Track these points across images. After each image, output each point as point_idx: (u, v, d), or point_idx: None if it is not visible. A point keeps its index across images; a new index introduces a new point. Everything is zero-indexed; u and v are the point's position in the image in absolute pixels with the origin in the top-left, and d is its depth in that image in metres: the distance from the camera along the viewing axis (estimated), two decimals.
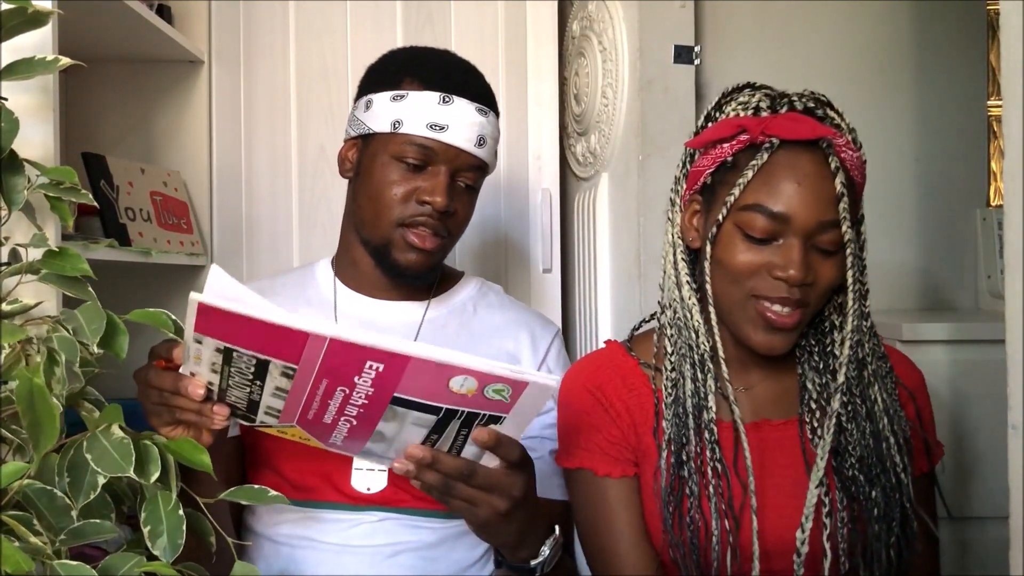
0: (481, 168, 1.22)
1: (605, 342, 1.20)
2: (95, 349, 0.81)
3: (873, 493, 1.02)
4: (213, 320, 0.73)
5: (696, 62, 1.66)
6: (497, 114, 1.25)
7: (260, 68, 1.86)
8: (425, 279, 1.25)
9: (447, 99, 1.17)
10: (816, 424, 1.05)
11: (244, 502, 0.87)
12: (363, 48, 1.85)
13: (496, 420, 0.85)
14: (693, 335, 1.06)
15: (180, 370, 0.83)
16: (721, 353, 1.03)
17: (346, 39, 1.86)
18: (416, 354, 0.76)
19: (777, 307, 1.00)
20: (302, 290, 1.29)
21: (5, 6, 0.85)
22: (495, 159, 1.25)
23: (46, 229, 0.95)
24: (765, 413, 1.09)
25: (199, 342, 0.76)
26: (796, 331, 1.03)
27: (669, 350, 1.08)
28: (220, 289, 0.74)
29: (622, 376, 1.12)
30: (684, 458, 1.04)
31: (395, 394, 0.80)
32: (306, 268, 1.34)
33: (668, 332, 1.09)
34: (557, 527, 1.03)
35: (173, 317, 0.89)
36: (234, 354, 0.76)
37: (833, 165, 0.98)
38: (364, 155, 1.22)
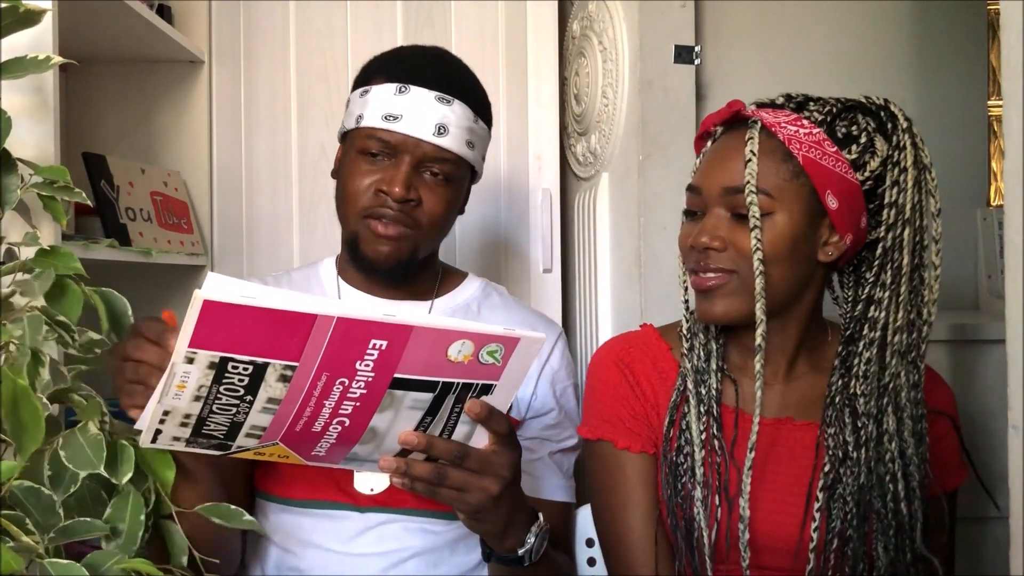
0: (452, 160, 1.19)
1: (641, 326, 1.21)
2: (43, 303, 0.79)
3: (864, 529, 1.01)
4: (216, 321, 0.72)
5: (696, 62, 1.66)
6: (472, 105, 1.21)
7: (260, 68, 1.86)
8: (397, 273, 1.21)
9: (403, 89, 1.17)
10: (827, 436, 1.05)
11: (216, 520, 0.86)
12: (363, 48, 1.85)
13: (487, 391, 0.86)
14: None
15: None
16: (760, 342, 1.02)
17: (346, 39, 1.86)
18: (418, 323, 0.77)
19: (701, 275, 1.05)
20: (307, 289, 1.29)
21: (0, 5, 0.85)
22: (471, 150, 1.21)
23: (42, 228, 0.95)
24: (791, 412, 1.10)
25: (190, 361, 0.73)
26: (729, 296, 1.03)
27: (688, 322, 1.12)
28: (220, 288, 0.73)
29: (652, 359, 1.14)
30: (684, 426, 1.07)
31: (395, 375, 0.80)
32: (309, 267, 1.34)
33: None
34: (541, 515, 1.03)
35: (129, 315, 0.87)
36: (229, 365, 0.75)
37: (747, 136, 1.02)
38: (341, 155, 1.24)
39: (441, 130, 1.16)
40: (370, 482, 1.17)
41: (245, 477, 1.20)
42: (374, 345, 0.77)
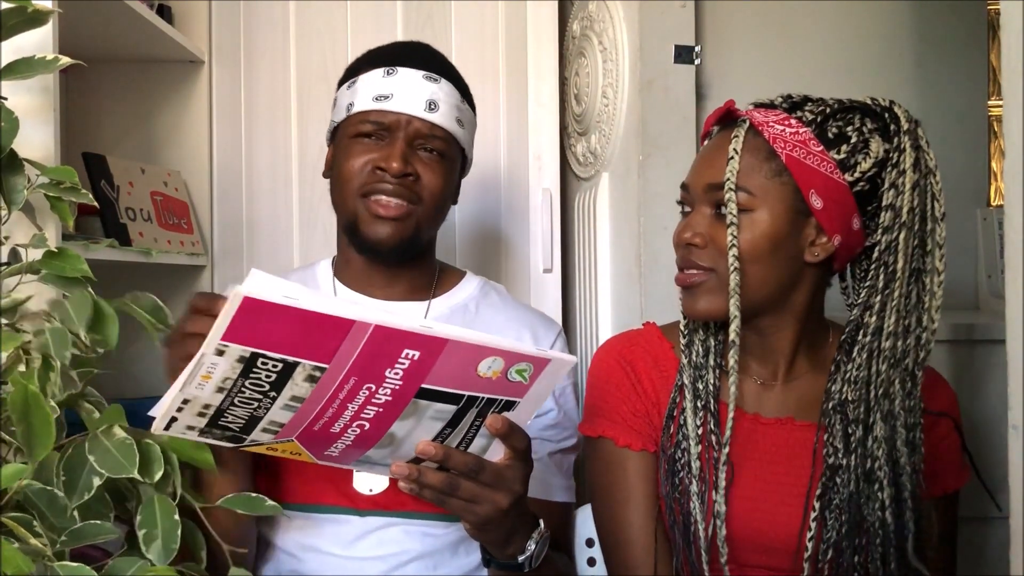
0: (443, 137, 1.20)
1: (644, 324, 1.21)
2: (84, 336, 0.80)
3: (859, 541, 1.01)
4: (253, 318, 0.71)
5: (696, 62, 1.66)
6: (458, 86, 1.23)
7: (260, 68, 1.86)
8: (399, 255, 1.21)
9: (391, 71, 1.20)
10: (824, 442, 1.05)
11: (240, 511, 0.86)
12: (363, 48, 1.83)
13: (509, 407, 0.85)
14: None
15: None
16: (734, 338, 1.02)
17: (346, 39, 1.86)
18: (455, 337, 0.77)
19: (683, 271, 1.06)
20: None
21: (5, 5, 0.85)
22: (461, 128, 1.23)
23: (46, 229, 0.95)
24: (792, 412, 1.09)
25: (220, 353, 0.73)
26: (708, 293, 1.04)
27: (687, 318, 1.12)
28: (262, 286, 0.72)
29: (654, 357, 1.14)
30: (681, 421, 1.07)
31: (422, 385, 0.80)
32: (306, 269, 1.33)
33: None
34: (542, 521, 1.03)
35: (163, 306, 0.88)
36: (258, 361, 0.74)
37: (733, 134, 1.02)
38: (333, 149, 1.25)
39: (432, 106, 1.19)
40: (369, 482, 1.17)
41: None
42: (407, 355, 0.77)
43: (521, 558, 1.00)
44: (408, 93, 1.18)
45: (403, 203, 1.17)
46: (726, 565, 1.02)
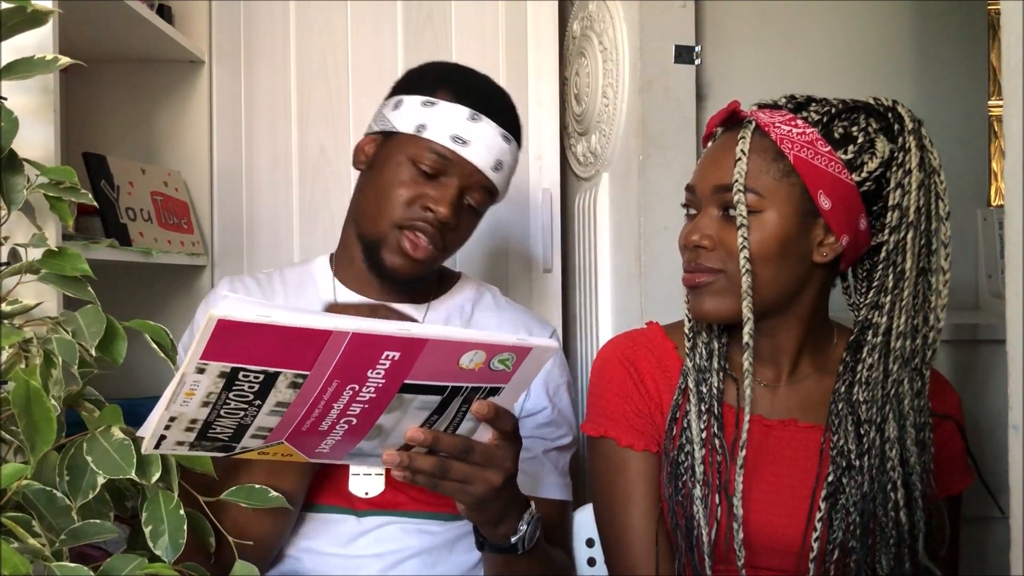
0: (491, 192, 1.22)
1: (647, 323, 1.21)
2: (94, 352, 0.80)
3: (869, 540, 1.01)
4: (230, 339, 0.72)
5: (697, 62, 1.66)
6: (520, 145, 1.25)
7: (260, 68, 1.86)
8: (411, 284, 1.24)
9: (475, 116, 1.18)
10: (831, 443, 1.04)
11: (244, 503, 0.87)
12: (363, 48, 1.86)
13: (495, 392, 0.86)
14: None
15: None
16: (748, 340, 1.02)
17: (346, 39, 1.86)
18: (433, 336, 0.78)
19: (691, 273, 1.06)
20: (301, 291, 1.28)
21: (5, 5, 0.85)
22: (507, 188, 1.26)
23: (46, 229, 0.95)
24: (796, 413, 1.09)
25: (201, 371, 0.74)
26: (717, 295, 1.03)
27: (690, 320, 1.11)
28: (234, 307, 0.73)
29: (657, 358, 1.14)
30: (685, 425, 1.07)
31: (405, 381, 0.80)
32: (303, 266, 1.33)
33: None
34: (532, 503, 1.04)
35: (171, 336, 0.89)
36: (240, 374, 0.75)
37: (739, 135, 1.02)
38: (381, 151, 1.22)
39: (498, 166, 1.20)
40: (365, 486, 1.17)
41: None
42: (387, 356, 0.77)
43: (514, 539, 1.01)
44: (483, 146, 1.18)
45: (432, 248, 1.18)
46: (743, 569, 1.01)
